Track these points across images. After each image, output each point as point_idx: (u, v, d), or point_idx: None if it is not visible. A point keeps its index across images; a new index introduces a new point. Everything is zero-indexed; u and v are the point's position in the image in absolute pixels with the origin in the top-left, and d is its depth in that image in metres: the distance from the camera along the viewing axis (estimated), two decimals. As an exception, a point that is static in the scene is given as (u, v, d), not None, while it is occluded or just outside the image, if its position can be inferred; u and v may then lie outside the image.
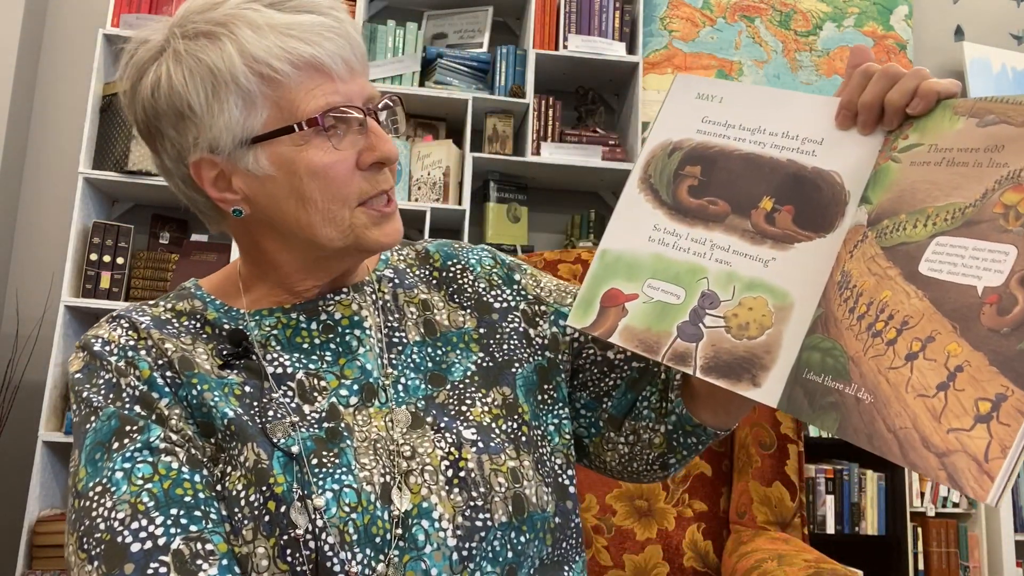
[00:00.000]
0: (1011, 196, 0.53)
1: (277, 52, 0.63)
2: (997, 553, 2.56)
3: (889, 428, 0.53)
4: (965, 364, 0.50)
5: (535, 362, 0.77)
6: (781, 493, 1.39)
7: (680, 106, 0.72)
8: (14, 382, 2.36)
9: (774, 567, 1.14)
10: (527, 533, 0.67)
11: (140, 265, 2.38)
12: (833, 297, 0.61)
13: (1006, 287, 0.50)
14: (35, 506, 2.17)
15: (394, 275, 0.78)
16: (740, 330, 0.64)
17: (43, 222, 2.57)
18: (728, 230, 0.67)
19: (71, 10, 2.69)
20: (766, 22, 3.00)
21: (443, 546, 0.63)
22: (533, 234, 2.79)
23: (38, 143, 2.61)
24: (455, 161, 2.57)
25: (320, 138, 0.65)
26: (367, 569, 0.61)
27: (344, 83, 0.66)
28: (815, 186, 0.65)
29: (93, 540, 0.59)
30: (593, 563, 1.37)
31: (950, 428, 0.49)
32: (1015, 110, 0.56)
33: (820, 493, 2.53)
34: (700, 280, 0.67)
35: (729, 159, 0.69)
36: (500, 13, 2.83)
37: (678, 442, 0.78)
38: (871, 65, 0.64)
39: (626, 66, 2.71)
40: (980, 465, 0.47)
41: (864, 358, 0.57)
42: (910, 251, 0.57)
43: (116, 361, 0.66)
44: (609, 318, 0.70)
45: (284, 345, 0.70)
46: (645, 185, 0.72)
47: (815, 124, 0.67)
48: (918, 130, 0.61)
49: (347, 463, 0.64)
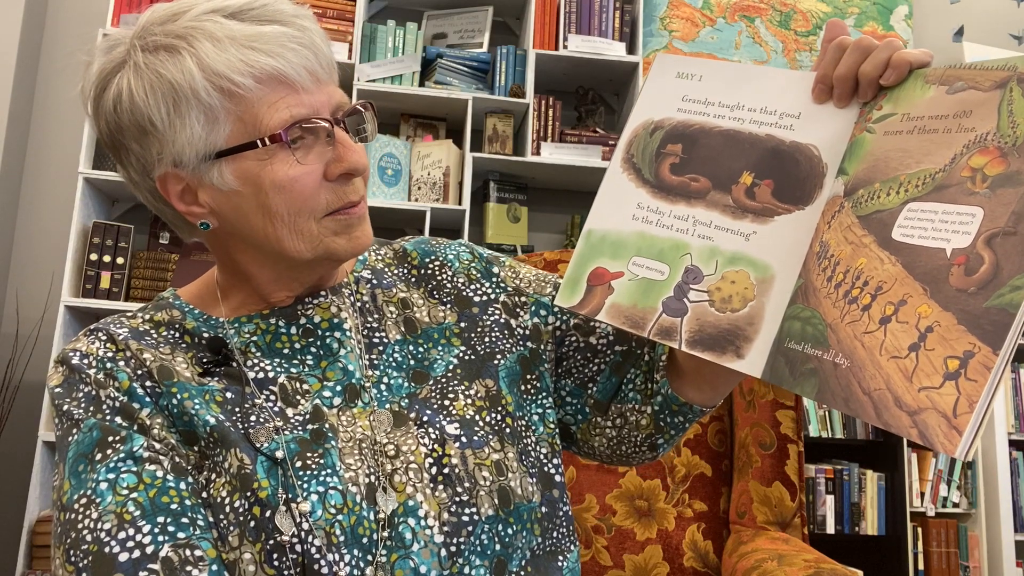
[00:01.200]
0: (978, 159, 0.54)
1: (238, 66, 0.61)
2: (997, 553, 2.56)
3: (864, 390, 0.55)
4: (935, 324, 0.52)
5: (517, 352, 0.77)
6: (781, 493, 1.39)
7: (660, 85, 0.73)
8: (14, 382, 2.36)
9: (774, 567, 1.14)
10: (514, 525, 0.67)
11: (140, 265, 2.38)
12: (812, 267, 0.63)
13: (973, 248, 0.52)
14: (35, 506, 2.17)
15: (372, 275, 0.78)
16: (723, 303, 0.66)
17: (43, 222, 2.57)
18: (710, 206, 0.68)
19: (71, 10, 2.69)
20: (766, 22, 3.00)
21: (430, 543, 0.63)
22: (533, 234, 2.79)
23: (38, 143, 2.61)
24: (455, 161, 2.57)
25: (285, 152, 0.63)
26: (355, 570, 0.61)
27: (309, 94, 0.65)
28: (793, 160, 0.66)
29: (80, 552, 0.58)
30: (593, 563, 1.37)
31: (921, 387, 0.51)
32: (983, 75, 0.57)
33: (820, 493, 2.53)
34: (683, 256, 0.68)
35: (709, 136, 0.70)
36: (500, 13, 2.83)
37: (665, 422, 0.78)
38: (844, 39, 0.65)
39: (626, 66, 2.71)
40: (949, 421, 0.49)
41: (841, 324, 0.58)
42: (884, 218, 0.58)
43: (95, 373, 0.66)
44: (596, 296, 0.71)
45: (264, 351, 0.70)
46: (627, 164, 0.73)
47: (792, 99, 0.68)
48: (891, 100, 0.63)
49: (331, 464, 0.64)
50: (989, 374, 0.47)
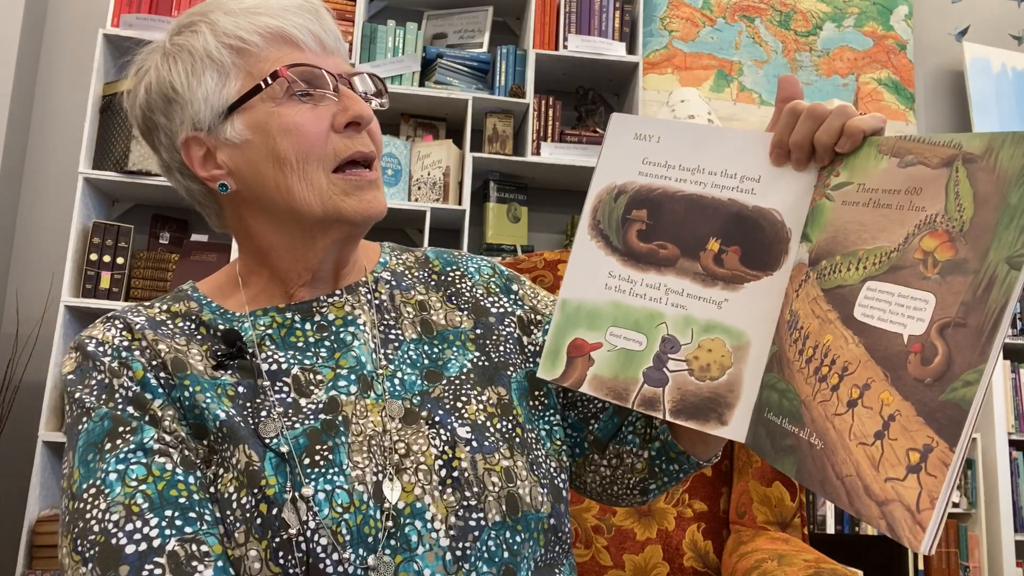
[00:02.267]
0: (928, 242, 0.54)
1: (246, 26, 0.68)
2: (997, 553, 2.56)
3: (837, 475, 0.55)
4: (896, 413, 0.52)
5: (526, 369, 0.77)
6: (781, 493, 1.39)
7: (620, 148, 0.73)
8: (14, 382, 2.36)
9: (774, 567, 1.14)
10: (522, 533, 0.67)
11: (140, 265, 2.38)
12: (785, 336, 0.64)
13: (927, 336, 0.51)
14: (35, 506, 2.17)
15: (392, 277, 0.79)
16: (702, 371, 0.67)
17: (43, 222, 2.57)
18: (680, 273, 0.69)
19: (71, 10, 2.69)
20: (766, 22, 3.00)
21: (435, 546, 0.63)
22: (533, 234, 2.79)
23: (38, 143, 2.61)
24: (455, 161, 2.57)
25: (292, 100, 0.68)
26: (359, 569, 0.61)
27: (316, 55, 0.70)
28: (757, 225, 0.67)
29: (87, 542, 0.58)
30: (593, 563, 1.37)
31: (887, 477, 0.51)
32: (931, 151, 0.56)
33: (820, 493, 2.53)
34: (659, 325, 0.69)
35: (673, 201, 0.70)
36: (500, 13, 2.83)
37: (660, 468, 0.79)
38: (798, 104, 0.65)
39: (626, 66, 2.71)
40: (913, 516, 0.49)
41: (814, 403, 0.59)
42: (845, 295, 0.59)
43: (109, 362, 0.66)
44: (577, 368, 0.71)
45: (279, 344, 0.71)
46: (595, 232, 0.73)
47: (751, 161, 0.68)
48: (847, 167, 0.63)
49: (339, 463, 0.64)
50: (947, 470, 0.47)
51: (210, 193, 0.73)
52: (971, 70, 3.05)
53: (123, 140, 2.32)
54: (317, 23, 0.70)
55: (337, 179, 0.68)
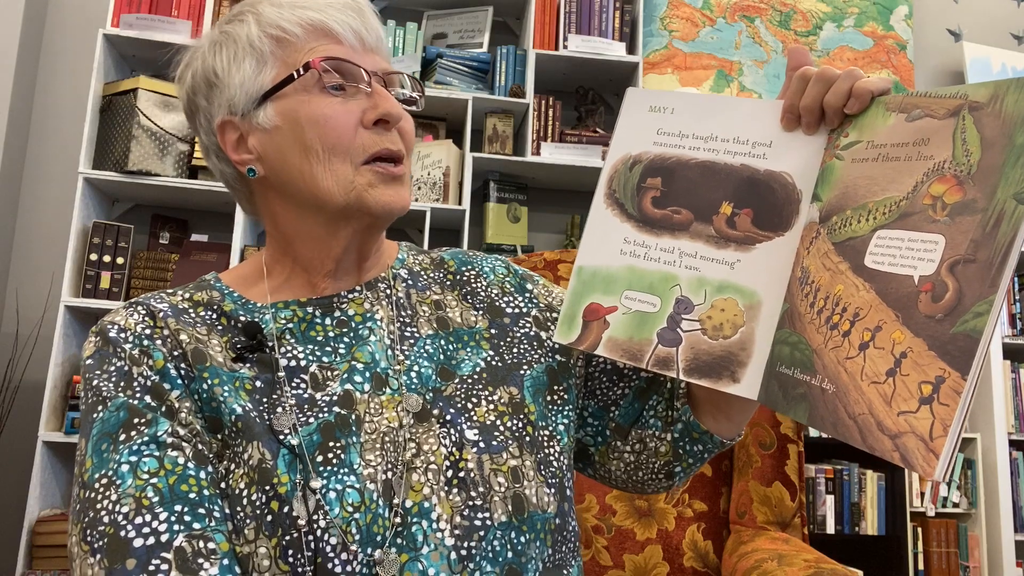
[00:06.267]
0: (937, 187, 0.56)
1: (289, 17, 0.70)
2: (997, 553, 2.56)
3: (849, 415, 0.57)
4: (908, 350, 0.54)
5: (546, 363, 0.77)
6: (781, 493, 1.39)
7: (635, 120, 0.75)
8: (14, 382, 2.36)
9: (774, 567, 1.14)
10: (527, 533, 0.67)
11: (140, 265, 2.38)
12: (796, 292, 0.65)
13: (938, 275, 0.53)
14: (35, 506, 2.16)
15: (409, 276, 0.80)
16: (715, 331, 0.68)
17: (43, 222, 2.57)
18: (693, 237, 0.71)
19: (71, 10, 2.69)
20: (766, 22, 3.00)
21: (440, 546, 0.63)
22: (533, 234, 2.79)
23: (38, 143, 2.61)
24: (455, 161, 2.57)
25: (324, 93, 0.69)
26: (366, 568, 0.61)
27: (355, 52, 0.71)
28: (769, 188, 0.69)
29: (96, 533, 0.59)
30: (593, 563, 1.37)
31: (900, 411, 0.53)
32: (937, 103, 0.59)
33: (820, 493, 2.53)
34: (673, 287, 0.70)
35: (686, 168, 0.72)
36: (500, 13, 2.83)
37: (684, 450, 0.79)
38: (808, 69, 0.67)
39: (626, 66, 2.71)
40: (927, 444, 0.51)
41: (825, 350, 0.60)
42: (856, 245, 0.61)
43: (130, 349, 0.67)
44: (592, 331, 0.73)
45: (298, 338, 0.71)
46: (611, 200, 0.75)
47: (763, 128, 0.70)
48: (856, 128, 0.65)
49: (350, 462, 0.64)
50: (959, 398, 0.49)
51: (241, 177, 0.75)
52: (971, 70, 3.05)
53: (123, 140, 2.32)
54: (359, 20, 0.71)
55: (365, 171, 0.69)
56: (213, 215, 2.61)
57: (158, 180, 2.34)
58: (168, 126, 2.37)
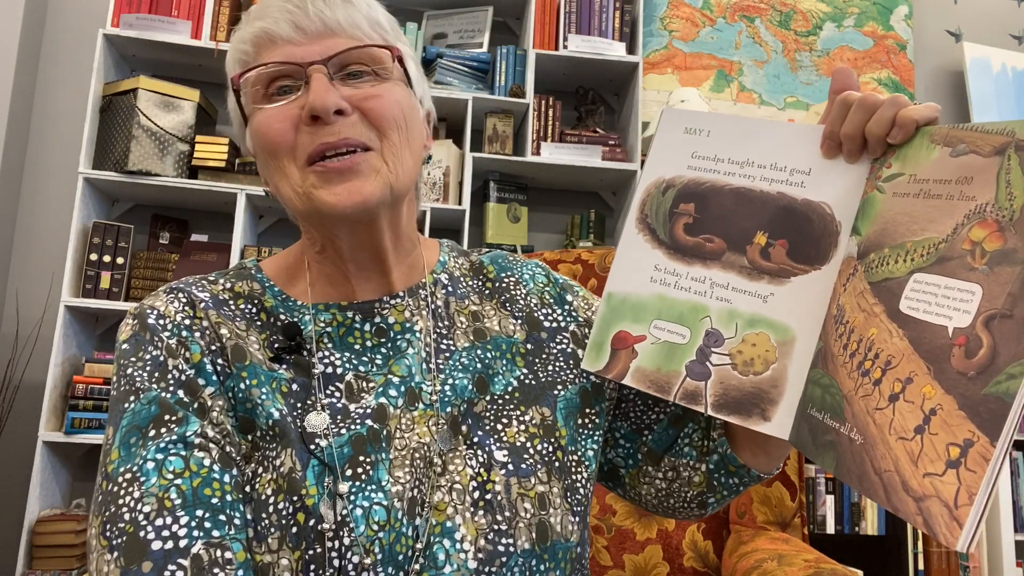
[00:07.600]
0: (977, 232, 0.53)
1: (245, 36, 0.68)
2: (997, 553, 2.56)
3: (875, 470, 0.54)
4: (938, 407, 0.50)
5: (580, 384, 0.75)
6: (781, 493, 1.39)
7: (670, 142, 0.73)
8: (14, 382, 2.36)
9: (774, 567, 1.14)
10: (548, 562, 0.65)
11: (140, 265, 2.38)
12: (831, 331, 0.62)
13: (972, 328, 0.50)
14: (35, 506, 2.17)
15: (449, 282, 0.77)
16: (746, 366, 0.65)
17: (43, 222, 2.57)
18: (726, 267, 0.68)
19: (71, 10, 2.69)
20: (766, 22, 3.00)
21: (463, 568, 0.62)
22: (533, 234, 2.79)
23: (38, 143, 2.61)
24: (455, 161, 2.57)
25: (269, 101, 0.67)
26: None
27: (295, 46, 0.66)
28: (806, 218, 0.66)
29: (116, 529, 0.58)
30: (593, 563, 1.37)
31: (926, 472, 0.50)
32: (983, 139, 0.55)
33: (820, 493, 2.53)
34: (703, 319, 0.68)
35: (721, 194, 0.69)
36: (500, 13, 2.83)
37: (719, 482, 0.77)
38: (850, 94, 0.64)
39: (626, 66, 2.71)
40: (951, 511, 0.48)
41: (855, 397, 0.57)
42: (892, 287, 0.58)
43: (168, 338, 0.65)
44: (620, 360, 0.71)
45: (336, 343, 0.69)
46: (643, 225, 0.73)
47: (801, 154, 0.67)
48: (900, 159, 0.62)
49: (378, 479, 0.63)
50: (987, 465, 0.46)
51: None
52: (971, 70, 3.05)
53: (123, 140, 2.32)
54: (301, 13, 0.66)
55: (310, 173, 0.65)
56: (213, 215, 2.61)
57: (158, 180, 2.34)
58: (168, 126, 2.37)
